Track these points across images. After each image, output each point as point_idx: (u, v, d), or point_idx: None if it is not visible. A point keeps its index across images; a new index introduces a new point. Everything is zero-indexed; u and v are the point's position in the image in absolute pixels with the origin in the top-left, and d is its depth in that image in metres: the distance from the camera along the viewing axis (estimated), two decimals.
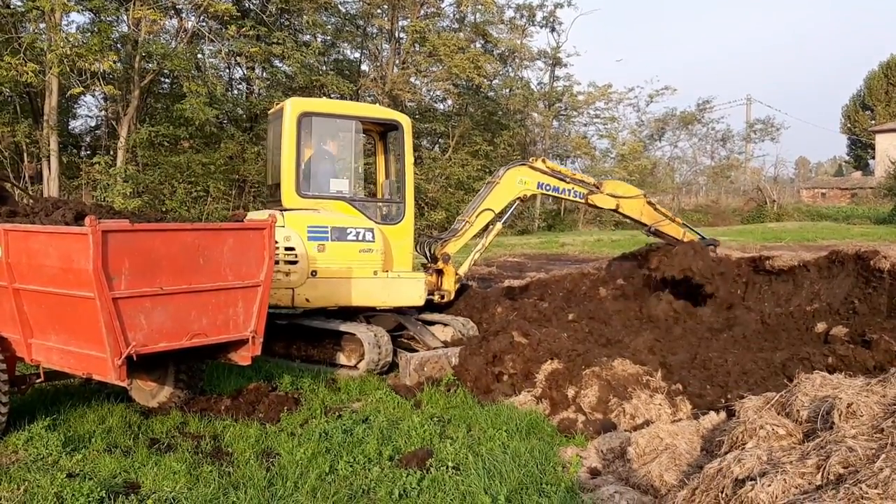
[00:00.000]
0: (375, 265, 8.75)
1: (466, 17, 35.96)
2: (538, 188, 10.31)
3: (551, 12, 41.00)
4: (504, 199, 10.23)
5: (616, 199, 10.81)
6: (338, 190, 8.97)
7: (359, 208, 8.93)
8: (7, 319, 5.97)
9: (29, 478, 5.15)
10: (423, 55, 32.49)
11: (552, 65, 44.05)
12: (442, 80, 32.84)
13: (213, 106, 23.14)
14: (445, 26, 35.00)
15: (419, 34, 31.64)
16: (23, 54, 19.16)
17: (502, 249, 26.00)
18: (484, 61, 32.05)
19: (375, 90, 32.40)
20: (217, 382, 7.65)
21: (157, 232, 5.68)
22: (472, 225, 10.04)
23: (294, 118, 8.74)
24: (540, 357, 7.27)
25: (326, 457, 5.54)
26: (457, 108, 37.12)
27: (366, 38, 34.13)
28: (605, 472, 5.47)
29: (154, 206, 21.63)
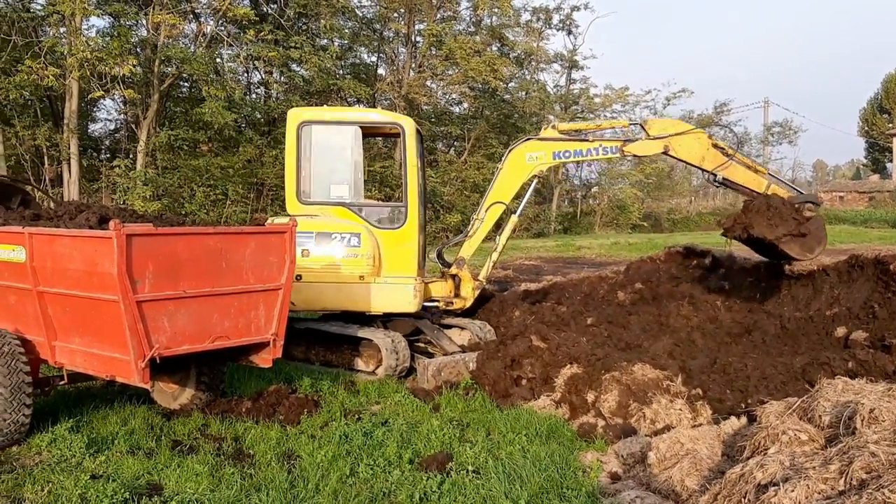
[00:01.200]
0: (362, 270, 8.60)
1: (483, 20, 35.98)
2: (555, 159, 9.35)
3: (568, 15, 41.01)
4: (513, 185, 9.48)
5: (664, 141, 9.13)
6: (338, 195, 9.01)
7: (358, 213, 8.87)
8: (31, 322, 6.04)
9: (53, 479, 5.20)
10: (439, 59, 32.53)
11: (569, 67, 44.01)
12: (458, 83, 32.90)
13: (232, 110, 23.29)
14: (462, 30, 35.05)
15: (436, 38, 31.71)
16: (43, 58, 19.37)
17: (518, 252, 25.99)
18: (500, 64, 32.04)
19: (392, 94, 32.50)
20: (238, 385, 7.70)
21: (180, 236, 5.74)
22: (482, 222, 9.46)
23: (294, 127, 8.97)
24: (559, 361, 7.27)
25: (347, 459, 5.57)
26: (472, 110, 37.14)
27: (382, 41, 34.23)
28: (626, 476, 5.46)
29: (173, 210, 21.78)
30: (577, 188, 50.07)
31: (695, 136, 9.12)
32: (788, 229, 8.62)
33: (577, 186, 50.16)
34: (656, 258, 12.01)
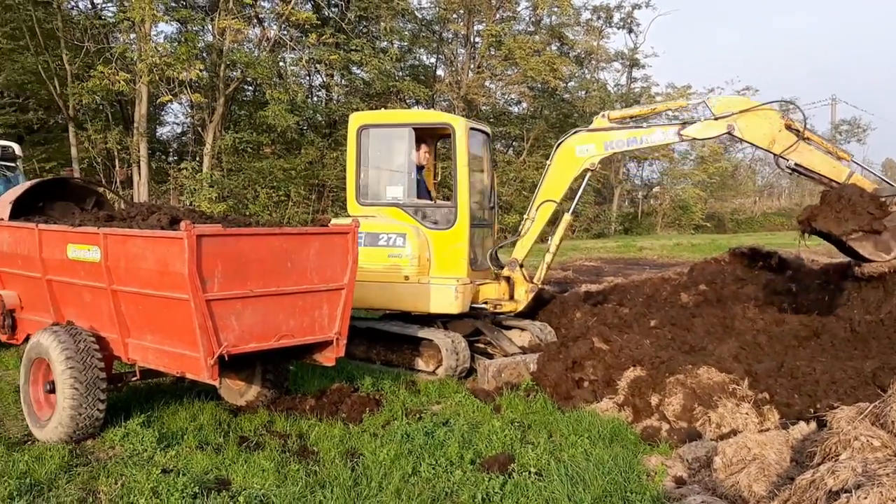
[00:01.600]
0: (407, 270, 8.61)
1: (542, 19, 35.81)
2: (607, 150, 8.78)
3: (629, 13, 40.54)
4: (563, 182, 8.99)
5: (727, 121, 8.28)
6: (393, 196, 9.12)
7: (411, 214, 8.92)
8: (105, 320, 6.24)
9: (126, 472, 5.36)
10: (498, 59, 32.51)
11: (629, 66, 43.51)
12: (517, 83, 32.83)
13: (294, 113, 23.69)
14: (521, 29, 34.95)
15: (495, 38, 31.69)
16: (114, 64, 20.00)
17: (578, 253, 25.79)
18: (560, 63, 31.88)
19: (450, 95, 32.59)
20: (301, 382, 7.82)
21: (247, 236, 5.87)
22: (533, 222, 9.11)
23: (354, 131, 9.22)
24: (622, 364, 7.19)
25: (409, 458, 5.60)
26: (531, 110, 37.00)
27: (441, 43, 34.35)
28: (691, 481, 5.37)
29: (238, 211, 22.27)
30: (637, 188, 49.47)
31: (764, 115, 8.21)
32: (860, 224, 7.82)
33: (637, 186, 49.57)
34: (720, 259, 11.77)
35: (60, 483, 5.21)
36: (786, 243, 9.28)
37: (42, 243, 6.55)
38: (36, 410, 6.29)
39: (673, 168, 45.73)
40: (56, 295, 6.65)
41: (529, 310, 9.89)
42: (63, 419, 5.87)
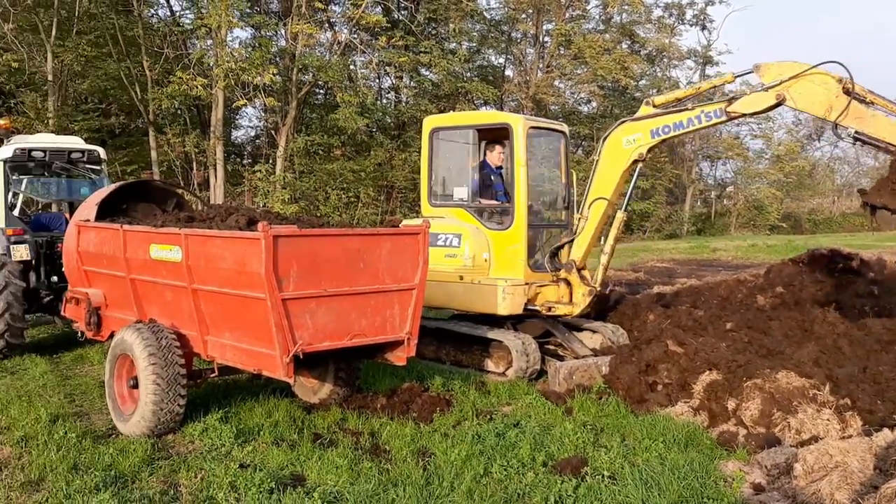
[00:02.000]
0: (461, 270, 8.63)
1: (613, 17, 35.39)
2: (654, 137, 8.19)
3: (702, 10, 39.67)
4: (613, 176, 8.45)
5: (777, 90, 7.39)
6: (459, 197, 9.19)
7: (474, 214, 8.93)
8: (186, 318, 6.43)
9: (205, 467, 5.51)
10: (567, 58, 32.26)
11: (702, 63, 42.55)
12: (587, 82, 32.53)
13: (364, 115, 23.99)
14: (591, 28, 34.63)
15: (564, 37, 31.47)
16: (192, 70, 20.60)
17: (649, 254, 25.36)
18: (631, 62, 31.48)
19: (519, 95, 32.49)
20: (372, 381, 7.90)
21: (321, 237, 5.96)
22: (587, 220, 8.61)
23: (426, 134, 9.42)
24: (697, 367, 7.04)
25: (480, 459, 5.60)
26: (602, 109, 36.59)
27: (510, 43, 34.28)
28: (770, 488, 5.23)
29: (309, 212, 22.67)
30: (710, 188, 48.40)
31: (819, 80, 7.21)
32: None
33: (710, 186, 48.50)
34: (798, 261, 11.40)
35: (143, 476, 5.39)
36: (866, 244, 8.80)
37: (126, 243, 6.78)
38: (120, 405, 6.52)
39: (747, 167, 44.56)
40: (139, 293, 6.89)
41: (596, 312, 9.76)
42: (145, 414, 6.07)
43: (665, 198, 40.18)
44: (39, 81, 22.38)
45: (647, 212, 36.75)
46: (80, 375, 8.48)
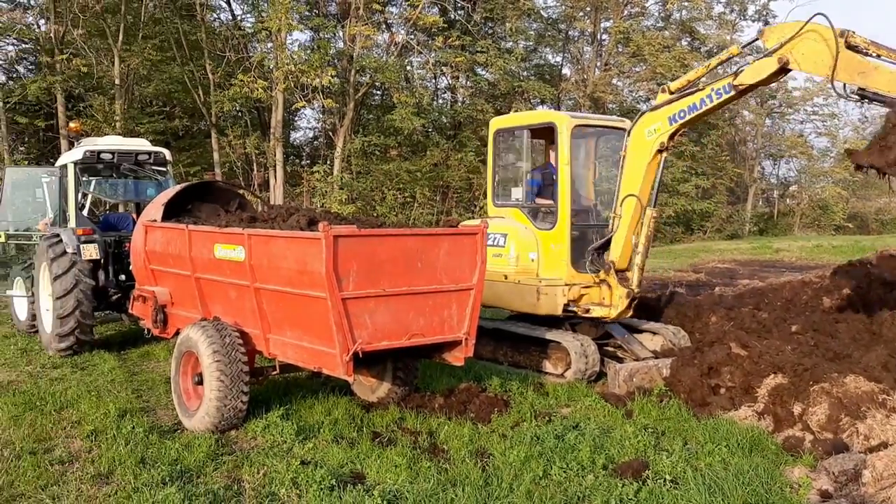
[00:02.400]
0: (505, 269, 8.69)
1: (672, 14, 34.83)
2: (672, 124, 7.90)
3: (764, 5, 38.69)
4: (640, 170, 8.15)
5: (778, 54, 6.93)
6: (516, 198, 9.28)
7: (527, 214, 8.97)
8: (248, 316, 6.54)
9: (267, 463, 5.61)
10: (626, 56, 31.88)
11: None
12: (646, 79, 32.06)
13: (420, 115, 24.10)
14: (650, 25, 34.13)
15: (623, 35, 31.11)
16: (253, 72, 20.97)
17: (710, 255, 24.90)
18: (690, 59, 30.87)
19: (577, 93, 32.22)
20: (429, 381, 7.92)
21: (380, 237, 6.00)
22: (620, 218, 8.32)
23: (491, 135, 9.54)
24: (762, 370, 6.89)
25: (539, 461, 5.57)
26: None
27: (567, 41, 34.03)
28: (838, 495, 5.10)
29: (365, 212, 22.88)
30: (773, 187, 47.31)
31: (818, 36, 6.65)
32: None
33: (773, 185, 47.40)
34: (866, 262, 11.07)
35: (208, 471, 5.51)
36: None
37: (192, 243, 6.94)
38: (185, 401, 6.67)
39: (811, 166, 43.40)
40: (204, 292, 7.04)
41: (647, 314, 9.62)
42: (210, 409, 6.20)
43: (726, 197, 39.40)
44: (107, 85, 23.08)
45: (708, 211, 36.08)
46: (147, 372, 8.70)
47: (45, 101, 22.66)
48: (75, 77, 21.91)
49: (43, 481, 5.29)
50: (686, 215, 35.24)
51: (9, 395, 7.47)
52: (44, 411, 6.93)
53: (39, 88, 21.11)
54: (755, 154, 43.85)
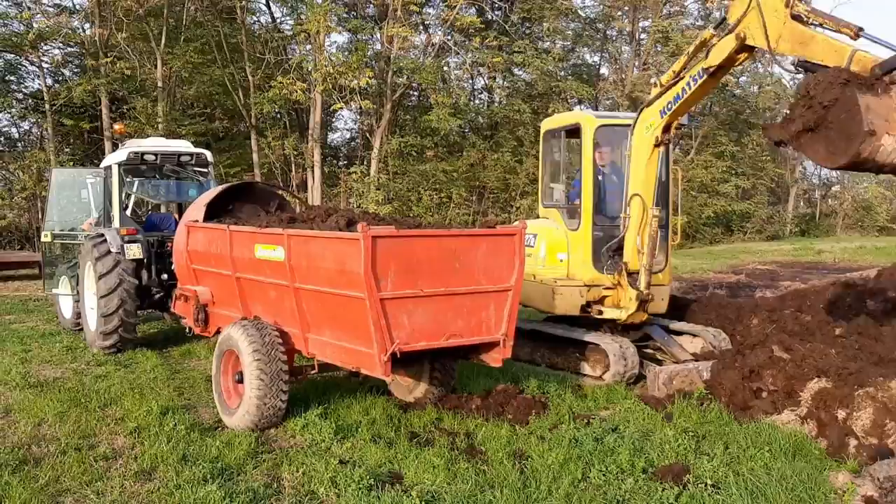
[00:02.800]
0: (534, 269, 8.77)
1: (712, 13, 34.36)
2: (662, 116, 7.84)
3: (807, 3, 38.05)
4: (641, 166, 8.09)
5: (737, 30, 6.69)
6: (556, 198, 9.41)
7: (562, 215, 9.11)
8: (288, 316, 6.60)
9: (306, 461, 5.65)
10: (665, 55, 31.54)
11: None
12: None
13: (457, 116, 24.10)
14: (689, 24, 33.72)
15: (662, 34, 30.77)
16: (292, 74, 21.18)
17: (750, 256, 24.55)
18: None
19: (615, 93, 31.97)
20: (467, 382, 7.91)
21: (418, 237, 6.01)
22: (630, 218, 8.24)
23: (541, 136, 9.64)
24: (805, 374, 6.75)
25: (578, 463, 5.53)
26: (700, 107, 35.58)
27: (605, 41, 33.79)
28: (884, 501, 4.98)
29: (402, 212, 22.96)
30: (815, 187, 46.49)
31: (768, 6, 6.38)
32: (804, 121, 5.82)
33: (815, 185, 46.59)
34: None
35: (248, 468, 5.57)
36: None
37: (233, 243, 7.03)
38: (226, 399, 6.75)
39: None
40: (244, 291, 7.12)
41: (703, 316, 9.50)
42: (250, 408, 6.27)
43: (767, 198, 38.80)
44: (150, 87, 23.49)
45: (748, 212, 35.56)
46: (188, 370, 8.83)
47: (90, 103, 23.15)
48: (119, 80, 22.33)
49: (88, 477, 5.39)
50: (726, 216, 34.77)
51: (55, 392, 7.63)
52: (88, 408, 7.07)
53: (85, 91, 21.57)
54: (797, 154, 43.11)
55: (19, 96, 25.72)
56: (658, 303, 8.66)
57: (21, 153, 25.43)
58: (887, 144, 5.66)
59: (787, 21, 6.30)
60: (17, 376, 8.28)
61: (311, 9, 21.38)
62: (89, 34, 23.20)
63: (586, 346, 8.48)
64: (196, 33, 23.88)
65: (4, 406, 7.23)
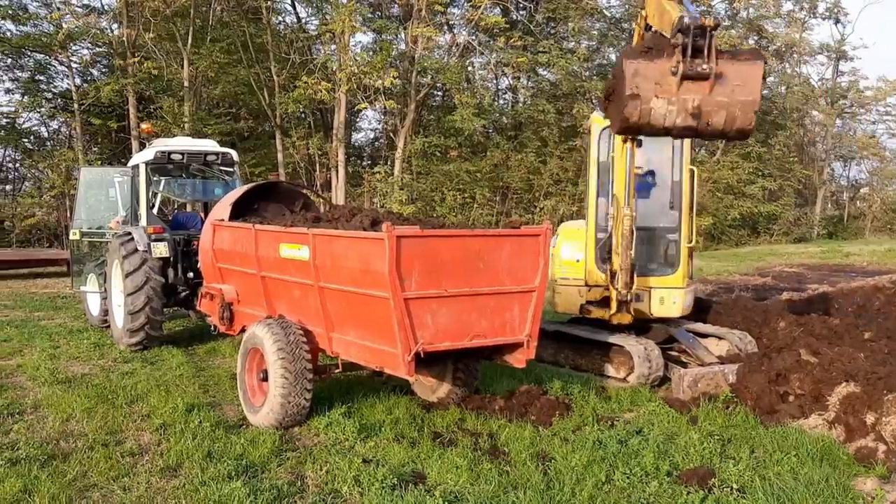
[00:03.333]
0: (553, 270, 8.85)
1: (739, 13, 34.08)
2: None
3: (835, 3, 37.63)
4: (618, 166, 8.17)
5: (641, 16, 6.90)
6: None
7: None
8: (312, 315, 6.63)
9: (330, 460, 5.67)
10: None
11: (836, 59, 40.40)
12: None
13: (481, 116, 24.07)
14: None
15: None
16: (317, 74, 21.27)
17: (777, 259, 24.30)
18: None
19: None
20: (490, 383, 7.90)
21: (443, 237, 6.01)
22: (615, 220, 8.27)
23: (595, 134, 9.10)
24: (833, 378, 6.67)
25: (602, 466, 5.51)
26: None
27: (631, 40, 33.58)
28: None
29: (425, 213, 22.98)
30: (843, 189, 45.93)
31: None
32: (606, 91, 6.17)
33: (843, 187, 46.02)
34: None
35: (272, 466, 5.60)
36: None
37: (258, 242, 7.07)
38: (250, 397, 6.79)
39: (884, 167, 41.97)
40: (269, 290, 7.16)
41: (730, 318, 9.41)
42: (274, 406, 6.30)
43: (794, 199, 38.37)
44: (176, 87, 23.71)
45: (775, 214, 35.19)
46: (213, 367, 8.89)
47: (117, 103, 23.43)
48: (146, 79, 22.56)
49: (114, 472, 5.45)
50: (752, 218, 34.44)
51: (82, 388, 7.73)
52: (115, 404, 7.15)
53: (112, 91, 21.83)
54: (825, 155, 42.61)
55: (49, 96, 26.07)
56: (669, 306, 8.59)
57: (50, 152, 25.79)
58: (657, 108, 5.89)
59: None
60: (46, 372, 8.39)
61: (336, 9, 21.47)
62: (117, 34, 23.47)
63: (610, 347, 8.44)
64: (222, 33, 24.07)
65: (33, 401, 7.33)
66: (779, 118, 35.91)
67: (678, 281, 8.67)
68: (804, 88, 37.60)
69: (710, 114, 6.00)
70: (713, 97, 5.95)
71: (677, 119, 6.02)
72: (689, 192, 8.61)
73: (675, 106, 5.98)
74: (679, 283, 8.67)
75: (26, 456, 5.72)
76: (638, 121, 6.01)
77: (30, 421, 6.71)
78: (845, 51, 40.13)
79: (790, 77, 37.98)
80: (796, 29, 37.19)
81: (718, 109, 5.99)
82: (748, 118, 6.03)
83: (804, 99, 37.21)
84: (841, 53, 40.21)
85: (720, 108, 5.99)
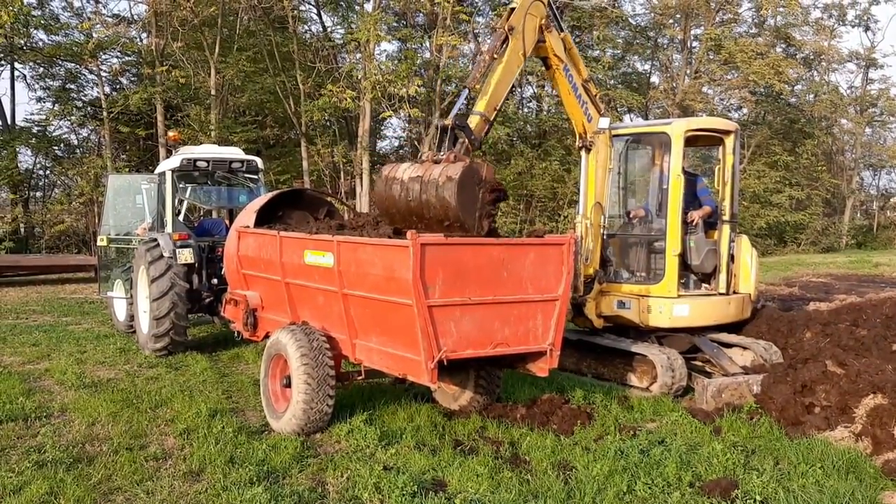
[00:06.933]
0: None
1: (766, 20, 33.80)
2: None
3: (865, 10, 37.22)
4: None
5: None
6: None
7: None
8: (336, 321, 6.66)
9: (351, 467, 5.69)
10: (717, 63, 31.09)
11: (865, 66, 39.95)
12: (737, 87, 31.20)
13: (505, 124, 24.06)
14: (743, 32, 33.22)
15: (714, 42, 30.35)
16: (342, 82, 21.40)
17: (804, 268, 24.02)
18: (786, 66, 29.90)
19: (665, 101, 31.62)
20: (511, 391, 7.89)
21: (467, 245, 6.01)
22: (591, 225, 8.56)
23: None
24: (860, 390, 6.58)
25: (623, 475, 5.47)
26: (753, 116, 35.02)
27: (656, 49, 33.45)
28: None
29: None
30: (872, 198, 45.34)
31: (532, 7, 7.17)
32: None
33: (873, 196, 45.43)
34: None
35: (293, 472, 5.63)
36: None
37: (282, 249, 7.12)
38: (273, 403, 6.84)
39: None
40: (293, 296, 7.21)
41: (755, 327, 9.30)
42: (297, 412, 6.33)
43: (822, 209, 37.93)
44: (203, 95, 23.97)
45: (802, 223, 34.79)
46: (237, 373, 8.96)
47: (145, 111, 23.73)
48: (174, 88, 22.83)
49: (138, 476, 5.51)
50: (779, 227, 34.08)
51: (108, 392, 7.83)
52: (140, 409, 7.23)
53: (141, 99, 22.12)
54: (854, 164, 42.10)
55: (79, 104, 26.48)
56: (656, 315, 8.34)
57: (80, 159, 26.15)
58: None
59: (536, 27, 7.91)
60: (73, 376, 8.50)
61: (361, 18, 21.59)
62: (146, 44, 23.80)
63: (633, 356, 8.38)
64: (249, 42, 24.31)
65: (60, 405, 7.43)
66: (806, 126, 35.55)
67: (664, 290, 8.39)
68: (833, 96, 37.17)
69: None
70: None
71: None
72: (676, 200, 8.45)
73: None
74: (665, 292, 8.39)
75: (52, 459, 5.80)
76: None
77: (56, 424, 6.81)
78: (875, 58, 39.68)
79: (818, 85, 37.58)
80: (825, 36, 36.81)
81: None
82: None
83: (832, 107, 36.78)
84: (871, 61, 39.75)
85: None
